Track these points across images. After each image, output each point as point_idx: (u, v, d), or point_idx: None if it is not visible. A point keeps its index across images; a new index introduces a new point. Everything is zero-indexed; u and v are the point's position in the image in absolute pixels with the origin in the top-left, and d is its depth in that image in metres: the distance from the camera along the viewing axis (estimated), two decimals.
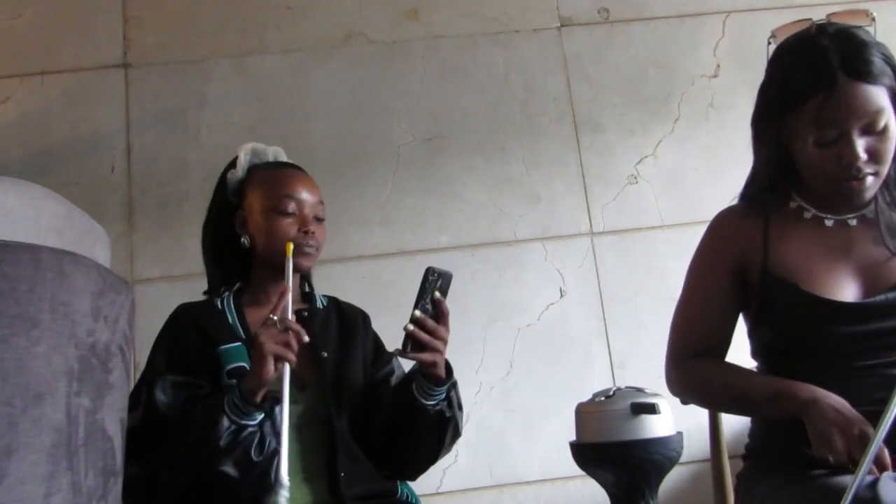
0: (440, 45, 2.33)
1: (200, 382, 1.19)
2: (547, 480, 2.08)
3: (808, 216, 1.18)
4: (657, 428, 1.07)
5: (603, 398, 1.11)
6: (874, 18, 1.14)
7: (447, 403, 1.22)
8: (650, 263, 2.22)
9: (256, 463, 1.09)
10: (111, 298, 0.89)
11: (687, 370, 1.21)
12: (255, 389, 1.08)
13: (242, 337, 1.24)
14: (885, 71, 1.05)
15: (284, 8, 2.32)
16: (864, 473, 0.89)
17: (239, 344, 1.23)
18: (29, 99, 2.21)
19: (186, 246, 2.10)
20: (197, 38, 2.29)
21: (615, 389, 1.11)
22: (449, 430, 1.24)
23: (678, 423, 1.11)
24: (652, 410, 1.07)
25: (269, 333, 1.09)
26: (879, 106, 1.04)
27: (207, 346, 1.22)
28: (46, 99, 2.22)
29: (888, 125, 1.06)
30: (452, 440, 1.27)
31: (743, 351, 1.25)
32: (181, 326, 1.26)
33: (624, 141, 2.30)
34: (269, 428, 1.11)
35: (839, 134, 1.06)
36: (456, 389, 1.24)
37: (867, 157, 1.06)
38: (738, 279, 1.21)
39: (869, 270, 1.13)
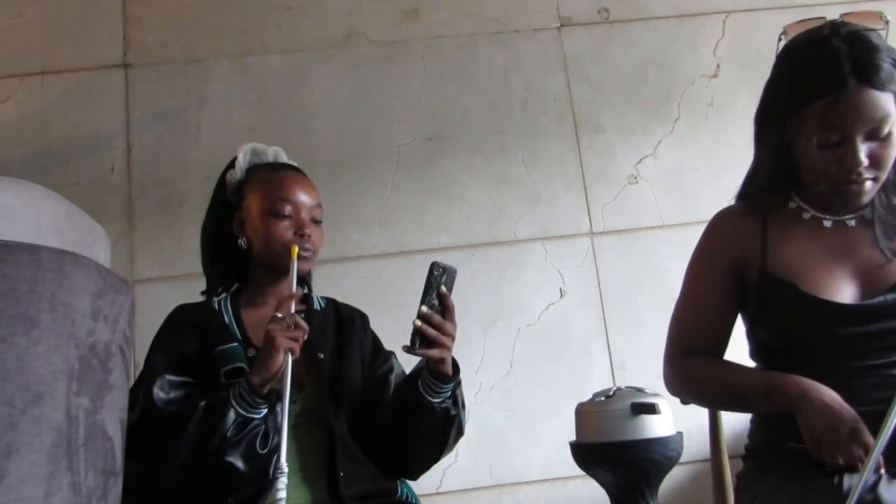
0: (440, 45, 2.33)
1: (198, 383, 1.20)
2: (547, 480, 2.08)
3: (806, 217, 1.18)
4: (657, 428, 1.07)
5: (603, 398, 1.11)
6: (888, 21, 1.13)
7: (452, 401, 1.22)
8: (650, 263, 2.22)
9: (261, 455, 1.11)
10: (111, 298, 0.89)
11: (682, 368, 1.22)
12: (264, 381, 1.12)
13: (239, 338, 1.25)
14: (893, 77, 1.05)
15: (284, 8, 2.32)
16: (867, 475, 0.89)
17: (236, 345, 1.24)
18: (29, 99, 2.21)
19: (186, 246, 2.11)
20: (197, 38, 2.29)
21: (615, 389, 1.11)
22: (453, 428, 1.24)
23: (678, 423, 1.11)
24: (652, 410, 1.07)
25: (279, 328, 1.13)
26: (886, 112, 1.04)
27: (204, 347, 1.23)
28: (46, 99, 2.22)
29: (892, 131, 1.06)
30: (456, 439, 1.26)
31: (742, 350, 1.25)
32: (179, 327, 1.26)
33: (624, 141, 2.30)
34: (271, 422, 1.13)
35: (843, 137, 1.06)
36: (461, 388, 1.24)
37: (869, 162, 1.06)
38: (736, 279, 1.21)
39: (867, 272, 1.13)
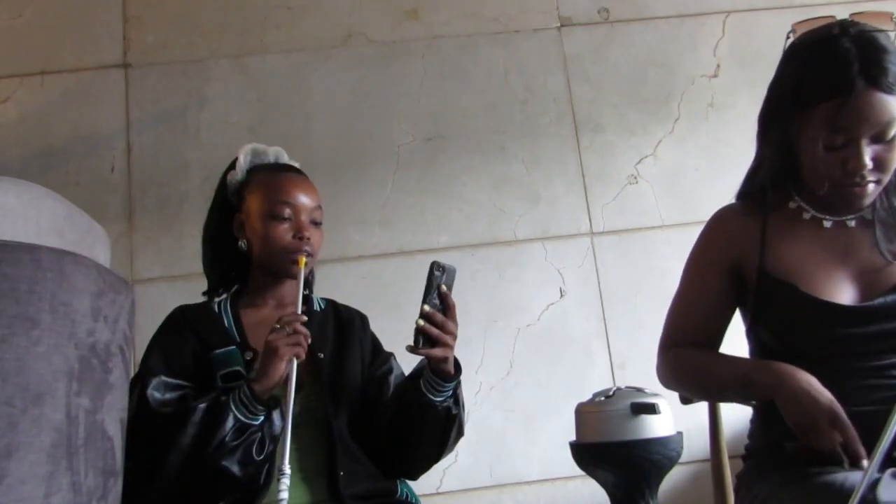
0: (440, 45, 2.33)
1: (193, 386, 1.20)
2: (547, 480, 2.08)
3: (806, 217, 1.18)
4: (657, 428, 1.07)
5: (603, 398, 1.11)
6: None
7: (454, 400, 1.22)
8: (650, 263, 2.22)
9: (257, 462, 1.11)
10: (111, 298, 0.89)
11: (671, 358, 1.23)
12: (266, 389, 1.12)
13: (237, 340, 1.25)
14: None
15: (284, 8, 2.32)
16: (870, 476, 0.88)
17: (233, 348, 1.24)
18: (29, 99, 2.21)
19: (186, 246, 2.11)
20: (197, 38, 2.29)
21: (615, 389, 1.11)
22: (454, 427, 1.24)
23: (678, 423, 1.11)
24: (652, 410, 1.06)
25: (280, 337, 1.13)
26: (892, 116, 1.03)
27: (202, 350, 1.23)
28: (46, 99, 2.22)
29: None
30: (456, 439, 1.27)
31: (742, 350, 1.25)
32: (178, 329, 1.26)
33: (624, 141, 2.30)
34: (267, 429, 1.13)
35: (848, 140, 1.06)
36: (461, 387, 1.25)
37: (873, 165, 1.06)
38: (732, 277, 1.21)
39: (867, 273, 1.12)
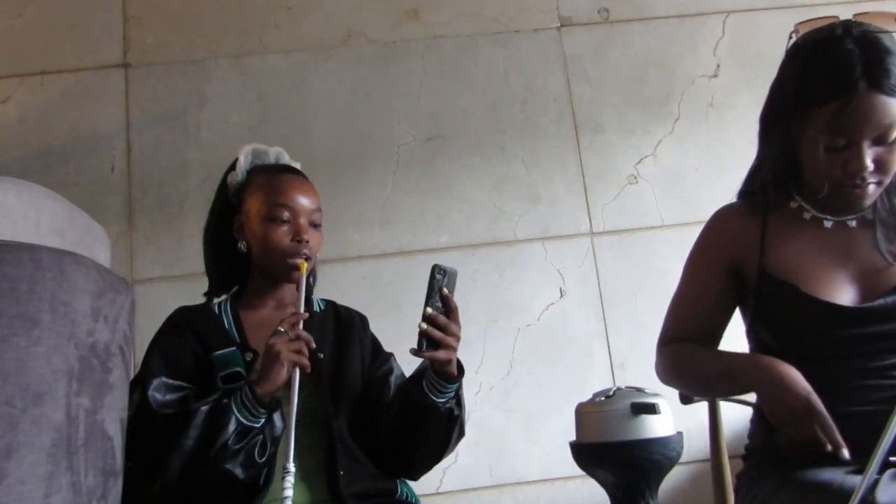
0: (440, 45, 2.33)
1: (194, 388, 1.20)
2: (547, 480, 2.08)
3: (807, 216, 1.18)
4: (657, 428, 1.07)
5: (603, 398, 1.11)
6: None
7: (456, 402, 1.22)
8: (650, 263, 2.21)
9: (259, 464, 1.11)
10: (111, 298, 0.89)
11: (664, 353, 1.24)
12: (267, 392, 1.12)
13: (237, 341, 1.25)
14: None
15: (284, 8, 2.32)
16: (871, 476, 0.88)
17: (233, 349, 1.24)
18: (29, 99, 2.21)
19: (186, 246, 2.11)
20: (197, 38, 2.29)
21: (615, 389, 1.11)
22: (456, 429, 1.24)
23: (678, 423, 1.11)
24: (652, 410, 1.06)
25: (282, 341, 1.13)
26: (894, 118, 1.03)
27: (202, 351, 1.23)
28: (46, 99, 2.22)
29: None
30: (457, 440, 1.27)
31: (742, 350, 1.25)
32: (178, 330, 1.26)
33: (624, 141, 2.30)
34: (268, 432, 1.13)
35: (849, 142, 1.05)
36: (462, 388, 1.25)
37: (874, 167, 1.06)
38: (732, 276, 1.21)
39: (867, 274, 1.12)
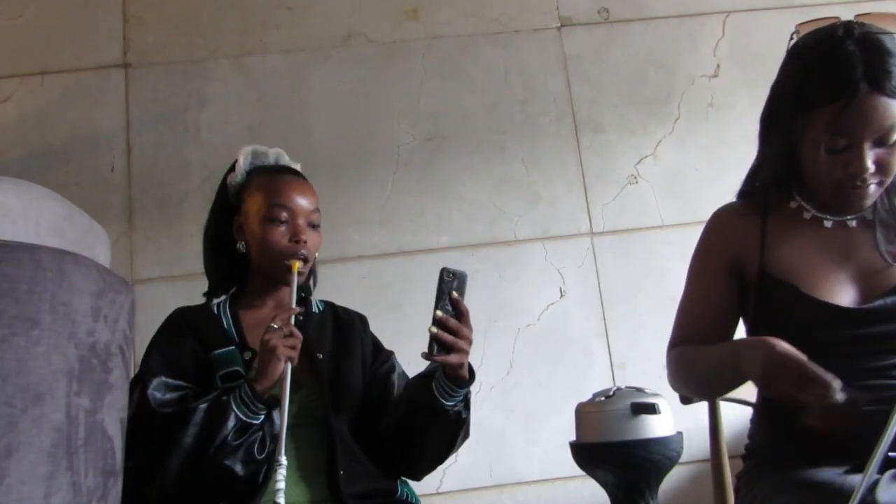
0: (440, 45, 2.33)
1: (193, 387, 1.20)
2: (547, 480, 2.08)
3: (807, 216, 1.18)
4: (657, 428, 1.07)
5: (603, 398, 1.11)
6: None
7: (464, 405, 1.22)
8: (650, 263, 2.21)
9: (258, 461, 1.12)
10: (111, 298, 0.89)
11: (673, 359, 1.23)
12: (265, 388, 1.13)
13: (236, 341, 1.26)
14: None
15: (284, 8, 2.32)
16: (871, 476, 0.88)
17: (232, 348, 1.24)
18: (29, 99, 2.21)
19: (186, 246, 2.10)
20: (197, 38, 2.29)
21: (615, 389, 1.11)
22: (462, 431, 1.24)
23: (678, 423, 1.11)
24: (652, 410, 1.06)
25: (277, 336, 1.14)
26: (895, 120, 1.03)
27: (201, 351, 1.24)
28: (46, 99, 2.22)
29: None
30: (462, 441, 1.27)
31: None
32: (177, 330, 1.27)
33: (624, 141, 2.30)
34: (268, 428, 1.14)
35: (850, 143, 1.05)
36: (470, 392, 1.24)
37: (875, 168, 1.06)
38: (735, 278, 1.21)
39: (867, 274, 1.12)
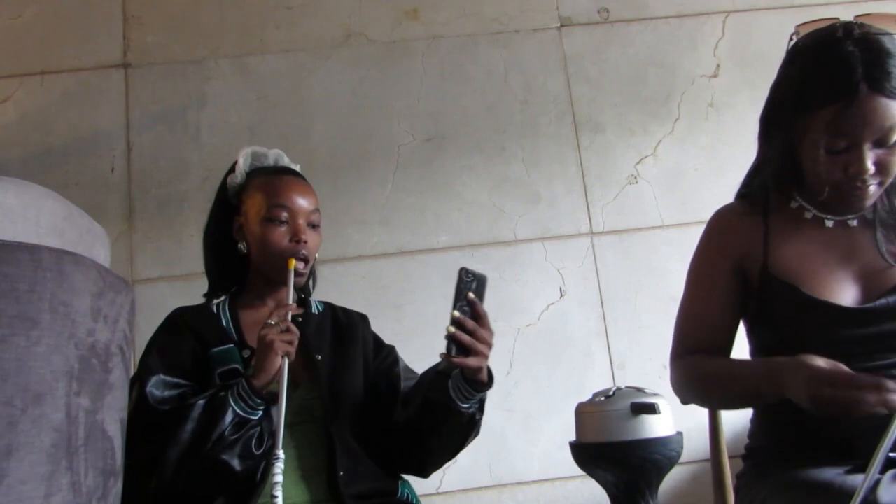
0: (440, 45, 2.33)
1: (192, 385, 1.20)
2: (547, 480, 2.08)
3: (808, 216, 1.18)
4: (657, 428, 1.07)
5: (603, 398, 1.11)
6: None
7: (478, 407, 1.21)
8: (650, 263, 2.22)
9: (256, 456, 1.12)
10: (111, 298, 0.89)
11: (683, 367, 1.20)
12: (263, 384, 1.13)
13: (235, 339, 1.26)
14: None
15: (284, 8, 2.32)
16: (872, 476, 0.88)
17: (231, 346, 1.24)
18: (29, 99, 2.21)
19: (186, 246, 2.11)
20: (197, 38, 2.29)
21: (615, 389, 1.11)
22: (473, 432, 1.24)
23: (678, 423, 1.11)
24: (652, 410, 1.06)
25: (274, 332, 1.14)
26: (895, 120, 1.03)
27: (200, 350, 1.24)
28: (46, 99, 2.22)
29: None
30: (471, 441, 1.27)
31: (743, 351, 1.25)
32: (176, 329, 1.27)
33: (624, 141, 2.30)
34: (266, 425, 1.14)
35: (850, 144, 1.05)
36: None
37: (875, 169, 1.06)
38: (739, 277, 1.20)
39: (868, 274, 1.12)
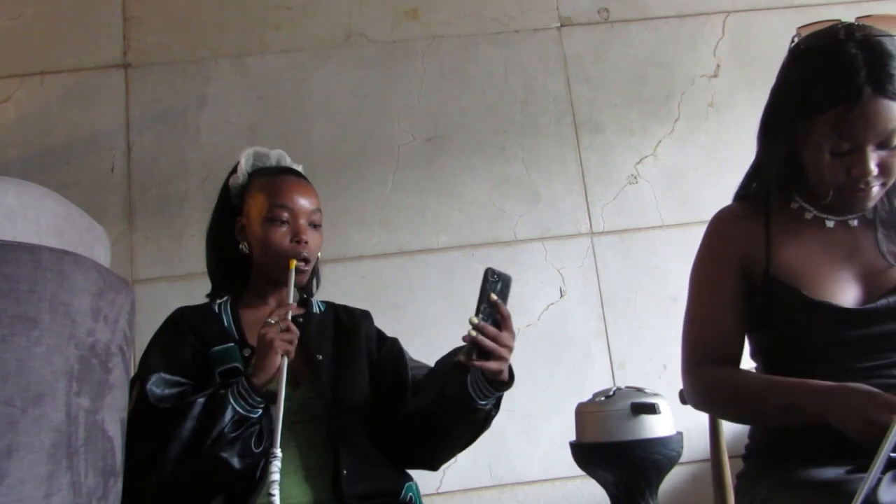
0: (440, 45, 2.33)
1: (193, 383, 1.20)
2: (547, 480, 2.08)
3: (809, 217, 1.18)
4: (657, 428, 1.07)
5: (603, 398, 1.11)
6: None
7: (495, 403, 1.21)
8: (650, 263, 2.22)
9: (255, 454, 1.12)
10: (111, 298, 0.89)
11: (700, 381, 1.17)
12: (263, 382, 1.13)
13: (235, 338, 1.26)
14: None
15: (284, 8, 2.32)
16: (874, 476, 0.88)
17: (232, 344, 1.24)
18: (29, 99, 2.21)
19: (186, 246, 2.10)
20: (197, 38, 2.29)
21: (615, 389, 1.12)
22: (487, 427, 1.24)
23: (678, 423, 1.11)
24: (652, 410, 1.07)
25: (274, 331, 1.14)
26: None
27: (201, 349, 1.24)
28: (46, 99, 2.22)
29: None
30: (481, 434, 1.27)
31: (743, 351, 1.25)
32: (178, 329, 1.27)
33: (624, 141, 2.30)
34: (265, 423, 1.14)
35: (854, 146, 1.05)
36: None
37: (878, 170, 1.05)
38: (743, 278, 1.18)
39: (869, 274, 1.12)
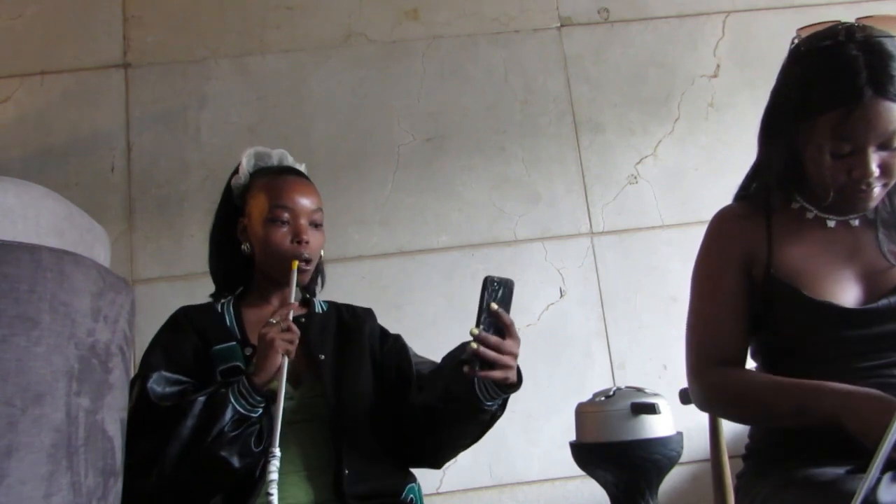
0: (440, 45, 2.33)
1: (194, 382, 1.20)
2: (547, 480, 2.08)
3: (810, 217, 1.18)
4: (657, 428, 1.07)
5: (603, 398, 1.11)
6: None
7: (501, 403, 1.21)
8: (650, 263, 2.22)
9: (255, 453, 1.12)
10: (111, 298, 0.89)
11: (712, 382, 1.16)
12: (264, 381, 1.13)
13: (237, 337, 1.26)
14: None
15: (284, 8, 2.32)
16: (874, 476, 0.88)
17: (233, 343, 1.25)
18: (29, 99, 2.21)
19: (186, 246, 2.11)
20: (197, 38, 2.29)
21: (615, 389, 1.12)
22: (491, 426, 1.24)
23: (678, 423, 1.11)
24: (652, 410, 1.07)
25: (275, 330, 1.15)
26: None
27: (203, 348, 1.24)
28: (46, 99, 2.22)
29: None
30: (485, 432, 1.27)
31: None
32: (179, 328, 1.27)
33: (624, 141, 2.30)
34: (265, 422, 1.14)
35: (855, 148, 1.05)
36: None
37: (879, 171, 1.05)
38: (746, 277, 1.18)
39: (871, 274, 1.12)
